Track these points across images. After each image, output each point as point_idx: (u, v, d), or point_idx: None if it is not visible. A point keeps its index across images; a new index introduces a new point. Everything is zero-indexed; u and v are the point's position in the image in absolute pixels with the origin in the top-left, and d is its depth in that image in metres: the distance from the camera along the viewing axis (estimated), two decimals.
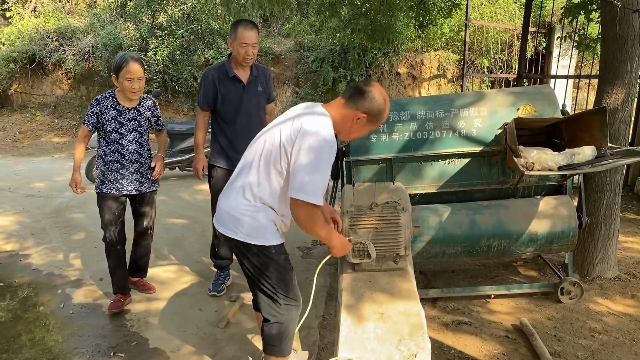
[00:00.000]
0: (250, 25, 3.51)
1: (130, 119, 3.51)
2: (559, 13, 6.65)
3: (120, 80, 3.38)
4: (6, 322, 3.55)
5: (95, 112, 3.43)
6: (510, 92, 3.77)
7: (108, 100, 3.47)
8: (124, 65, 3.33)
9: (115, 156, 3.49)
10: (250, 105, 3.68)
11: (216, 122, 3.75)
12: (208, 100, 3.66)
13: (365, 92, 2.32)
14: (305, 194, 2.15)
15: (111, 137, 3.46)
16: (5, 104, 12.14)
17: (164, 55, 10.92)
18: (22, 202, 6.53)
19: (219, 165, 3.73)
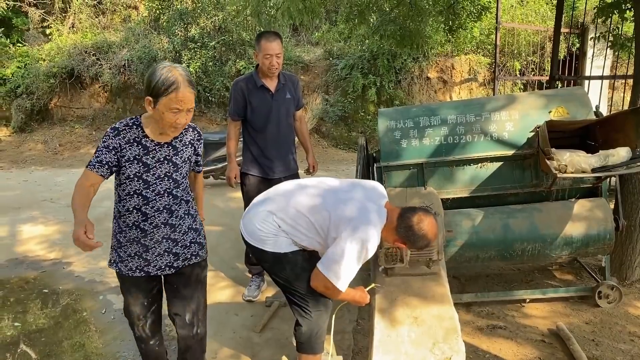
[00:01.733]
0: (273, 37, 3.59)
1: (161, 160, 2.34)
2: (592, 13, 6.55)
3: (159, 109, 2.18)
4: (51, 327, 3.69)
5: (114, 146, 2.25)
6: (542, 95, 3.75)
7: (131, 130, 2.29)
8: (172, 90, 2.14)
9: (135, 217, 2.35)
10: (280, 113, 3.76)
11: (247, 131, 3.84)
12: (238, 110, 3.75)
13: (414, 231, 2.35)
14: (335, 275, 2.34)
15: (131, 187, 2.31)
16: (46, 118, 12.56)
17: (196, 66, 11.14)
18: (64, 212, 6.75)
19: (251, 173, 3.83)
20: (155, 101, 2.19)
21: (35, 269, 4.82)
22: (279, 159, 3.83)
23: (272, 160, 3.81)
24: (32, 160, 11.15)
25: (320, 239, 2.45)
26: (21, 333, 3.61)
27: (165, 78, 2.15)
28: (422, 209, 2.45)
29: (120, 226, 2.41)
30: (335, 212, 2.39)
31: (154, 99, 2.19)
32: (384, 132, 3.61)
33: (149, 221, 2.37)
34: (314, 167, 4.13)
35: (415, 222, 2.35)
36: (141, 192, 2.33)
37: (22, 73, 11.99)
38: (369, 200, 2.44)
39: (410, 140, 3.57)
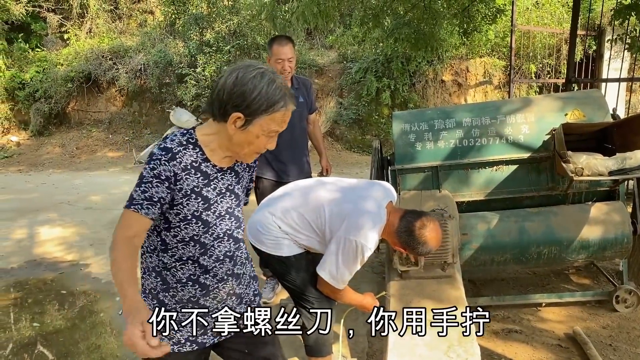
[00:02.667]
0: (285, 41, 3.62)
1: (223, 192, 1.74)
2: (609, 15, 6.49)
3: (251, 130, 1.58)
4: (68, 328, 3.74)
5: (167, 175, 1.58)
6: (558, 97, 3.73)
7: (188, 152, 1.63)
8: (279, 108, 1.60)
9: (190, 269, 1.74)
10: (293, 117, 3.75)
11: None
12: None
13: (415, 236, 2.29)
14: (330, 275, 2.36)
15: (186, 232, 1.68)
16: (63, 122, 12.74)
17: (211, 71, 11.22)
18: (81, 214, 6.84)
19: (265, 176, 3.84)
20: (249, 120, 1.56)
21: (53, 271, 4.89)
22: (293, 162, 3.84)
23: (286, 164, 3.82)
24: (50, 163, 11.31)
25: (319, 238, 2.45)
26: (39, 334, 3.67)
27: (271, 91, 1.56)
28: (426, 214, 2.38)
29: (166, 282, 1.73)
30: (331, 211, 2.38)
31: (248, 118, 1.55)
32: (399, 134, 3.61)
33: (211, 273, 1.75)
34: (328, 171, 4.13)
35: (417, 227, 2.28)
36: (199, 238, 1.69)
37: (40, 77, 12.18)
38: (367, 200, 2.40)
39: (425, 143, 3.56)
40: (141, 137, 11.94)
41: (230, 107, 1.55)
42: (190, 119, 7.92)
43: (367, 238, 2.27)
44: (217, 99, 1.57)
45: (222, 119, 1.59)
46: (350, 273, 2.36)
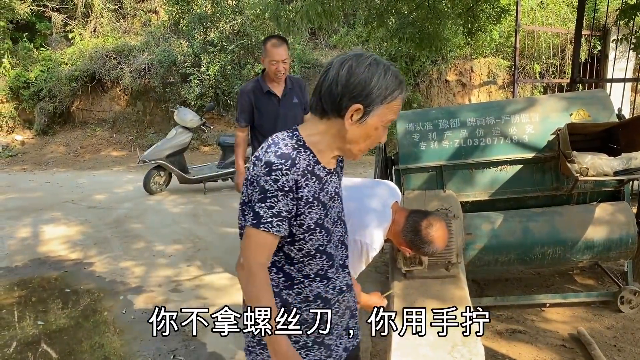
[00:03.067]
0: (279, 42, 3.58)
1: (333, 195, 1.61)
2: (614, 15, 6.47)
3: (369, 122, 1.45)
4: (71, 327, 3.75)
5: (291, 185, 1.43)
6: (563, 97, 3.72)
7: (301, 155, 1.48)
8: (397, 95, 1.46)
9: (317, 286, 1.60)
10: (287, 117, 3.76)
11: (255, 137, 3.87)
12: (245, 117, 3.79)
13: (421, 236, 2.23)
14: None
15: (312, 244, 1.54)
16: (67, 121, 12.76)
17: (215, 70, 11.23)
18: (85, 213, 6.85)
19: None
20: (367, 112, 1.43)
21: (57, 269, 4.91)
22: None
23: None
24: (55, 162, 11.34)
25: None
26: (43, 332, 3.68)
27: (389, 79, 1.44)
28: (432, 214, 2.34)
29: (287, 303, 1.58)
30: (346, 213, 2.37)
31: (367, 109, 1.43)
32: (403, 134, 3.60)
33: (332, 285, 1.61)
34: None
35: (424, 227, 2.23)
36: (325, 249, 1.56)
37: (45, 77, 12.21)
38: (372, 198, 2.35)
39: (429, 142, 3.56)
40: (145, 137, 11.96)
41: (347, 99, 1.43)
42: (194, 118, 7.92)
43: (372, 238, 2.24)
44: (329, 94, 1.44)
45: (336, 115, 1.46)
46: (355, 273, 2.35)
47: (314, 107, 1.52)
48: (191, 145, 9.24)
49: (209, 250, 5.25)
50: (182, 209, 6.94)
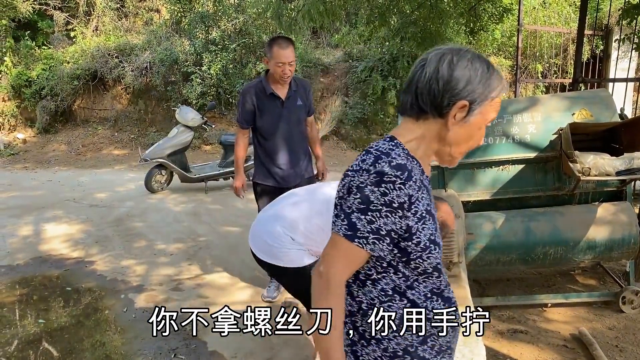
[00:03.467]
0: (286, 43, 3.43)
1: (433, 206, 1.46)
2: (617, 15, 6.45)
3: (472, 122, 1.33)
4: (72, 325, 3.75)
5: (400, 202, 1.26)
6: (565, 97, 3.71)
7: (414, 166, 1.31)
8: (499, 92, 1.34)
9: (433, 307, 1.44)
10: (290, 120, 3.66)
11: (257, 139, 3.74)
12: (247, 118, 3.65)
13: None
14: None
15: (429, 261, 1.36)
16: (69, 119, 12.77)
17: (217, 69, 11.22)
18: (86, 211, 6.86)
19: (262, 182, 3.74)
20: (472, 109, 1.30)
21: (58, 268, 4.91)
22: (291, 167, 3.72)
23: (284, 170, 3.71)
24: (56, 160, 11.35)
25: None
26: (44, 330, 3.68)
27: (492, 74, 1.33)
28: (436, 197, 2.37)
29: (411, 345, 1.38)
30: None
31: (472, 106, 1.30)
32: None
33: (453, 306, 1.46)
34: (324, 175, 4.01)
35: None
36: (437, 265, 1.39)
37: (46, 75, 12.21)
38: None
39: None
40: (146, 135, 11.96)
41: (449, 96, 1.29)
42: (195, 117, 7.92)
43: None
44: (428, 91, 1.30)
45: (436, 114, 1.31)
46: None
47: (408, 108, 1.35)
48: (192, 144, 9.24)
49: (210, 249, 5.25)
50: (183, 207, 6.94)
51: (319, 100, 11.27)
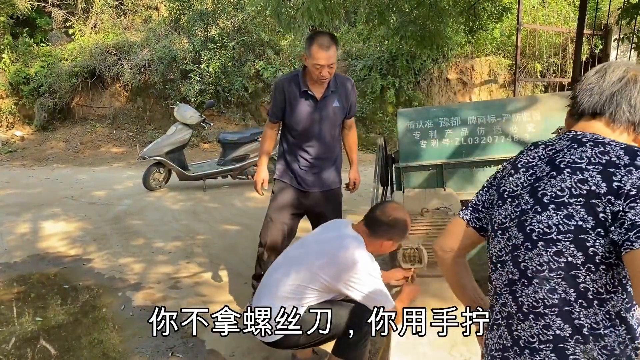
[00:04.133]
0: (327, 43, 3.01)
1: None
2: (616, 14, 6.45)
3: None
4: (70, 323, 3.74)
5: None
6: (564, 96, 3.69)
7: None
8: None
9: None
10: (323, 123, 3.29)
11: (284, 136, 3.43)
12: (277, 112, 3.33)
13: (384, 223, 2.45)
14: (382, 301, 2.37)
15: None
16: (67, 117, 12.76)
17: (216, 67, 11.21)
18: (84, 209, 6.85)
19: (284, 180, 3.42)
20: None
21: (56, 265, 4.90)
22: (317, 173, 3.38)
23: (306, 171, 3.37)
24: (54, 158, 11.33)
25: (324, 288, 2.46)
26: (41, 328, 3.67)
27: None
28: (378, 204, 2.55)
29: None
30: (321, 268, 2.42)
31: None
32: (403, 132, 3.59)
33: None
34: (355, 183, 3.57)
35: (379, 215, 2.43)
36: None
37: (45, 72, 12.20)
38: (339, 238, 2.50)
39: (429, 141, 3.55)
40: (145, 133, 11.95)
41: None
42: (194, 115, 7.91)
43: (362, 261, 2.37)
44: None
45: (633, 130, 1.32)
46: (384, 290, 2.43)
47: (614, 118, 1.32)
48: (191, 142, 9.23)
49: (209, 247, 5.24)
50: (181, 205, 6.93)
51: None
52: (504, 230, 1.34)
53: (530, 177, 1.32)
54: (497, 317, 1.38)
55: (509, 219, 1.33)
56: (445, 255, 1.53)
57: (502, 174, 1.44)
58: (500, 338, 1.35)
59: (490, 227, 1.41)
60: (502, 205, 1.37)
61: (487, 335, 1.42)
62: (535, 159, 1.35)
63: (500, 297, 1.36)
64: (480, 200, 1.49)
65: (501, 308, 1.36)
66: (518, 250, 1.29)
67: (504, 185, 1.39)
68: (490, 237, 1.41)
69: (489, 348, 1.39)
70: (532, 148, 1.40)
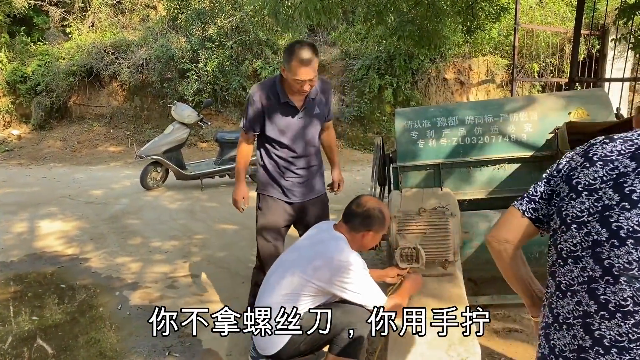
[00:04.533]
0: (308, 57, 2.81)
1: None
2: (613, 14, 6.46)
3: None
4: (67, 322, 3.73)
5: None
6: (562, 96, 3.71)
7: None
8: None
9: None
10: (306, 133, 3.16)
11: (264, 148, 3.21)
12: (254, 124, 3.11)
13: (360, 215, 2.49)
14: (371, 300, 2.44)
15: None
16: (65, 115, 12.73)
17: (213, 66, 11.20)
18: (82, 208, 6.83)
19: (269, 194, 3.23)
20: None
21: (53, 264, 4.89)
22: (304, 183, 3.25)
23: (295, 184, 3.23)
24: (51, 157, 11.31)
25: (318, 292, 2.46)
26: (38, 327, 3.66)
27: None
28: (354, 199, 2.58)
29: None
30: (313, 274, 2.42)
31: None
32: (401, 132, 3.59)
33: None
34: (339, 185, 3.52)
35: (354, 208, 2.49)
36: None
37: (42, 71, 12.17)
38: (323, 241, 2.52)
39: (427, 140, 3.55)
40: (142, 132, 11.93)
41: None
42: (191, 114, 7.90)
43: (350, 261, 2.38)
44: None
45: None
46: (374, 286, 2.45)
47: None
48: (188, 141, 9.23)
49: (206, 246, 5.24)
50: (179, 205, 6.93)
51: None
52: (581, 225, 1.31)
53: (611, 172, 1.30)
54: (567, 316, 1.34)
55: (587, 213, 1.30)
56: (501, 246, 1.51)
57: (571, 166, 1.40)
58: (574, 338, 1.32)
59: (559, 219, 1.38)
60: (576, 199, 1.33)
61: (553, 336, 1.39)
62: (614, 154, 1.32)
63: (574, 295, 1.33)
64: (537, 191, 1.48)
65: (574, 307, 1.32)
66: (601, 246, 1.26)
67: (576, 177, 1.36)
68: (560, 230, 1.37)
69: (558, 349, 1.36)
70: (607, 142, 1.37)
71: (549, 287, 1.43)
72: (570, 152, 1.46)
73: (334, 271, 2.36)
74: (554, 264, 1.40)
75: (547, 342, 1.41)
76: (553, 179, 1.45)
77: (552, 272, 1.41)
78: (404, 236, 2.92)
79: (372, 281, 2.42)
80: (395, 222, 2.99)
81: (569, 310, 1.34)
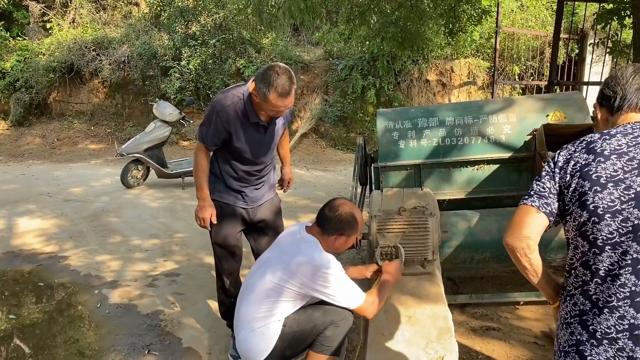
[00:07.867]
0: (286, 89, 2.64)
1: None
2: (592, 19, 6.58)
3: None
4: (45, 321, 3.69)
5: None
6: (540, 98, 3.77)
7: None
8: None
9: None
10: (270, 144, 3.10)
11: (223, 158, 3.07)
12: (216, 140, 2.93)
13: (332, 219, 2.47)
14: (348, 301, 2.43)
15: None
16: (44, 112, 12.55)
17: (196, 64, 11.15)
18: (61, 206, 6.75)
19: (225, 201, 3.10)
20: None
21: (31, 263, 4.83)
22: (261, 189, 3.18)
23: (252, 191, 3.15)
24: (30, 154, 11.15)
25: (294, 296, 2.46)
26: (15, 326, 3.62)
27: None
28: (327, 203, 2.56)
29: None
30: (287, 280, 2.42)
31: None
32: (382, 132, 3.62)
33: None
34: (289, 183, 3.47)
35: (327, 212, 2.48)
36: None
37: (21, 67, 11.98)
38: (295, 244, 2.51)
39: (408, 141, 3.58)
40: (123, 130, 11.83)
41: None
42: (173, 112, 7.85)
43: (325, 264, 2.37)
44: None
45: None
46: (351, 286, 2.44)
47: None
48: (170, 139, 9.18)
49: (186, 245, 5.22)
50: (159, 203, 6.88)
51: (299, 98, 11.27)
52: (615, 213, 1.42)
53: (630, 162, 1.43)
54: (609, 300, 1.45)
55: (620, 202, 1.42)
56: (523, 243, 1.58)
57: (577, 162, 1.52)
58: (622, 319, 1.43)
59: (586, 213, 1.47)
60: (603, 190, 1.44)
61: (592, 321, 1.49)
62: (624, 146, 1.46)
63: (615, 279, 1.44)
64: (545, 187, 1.58)
65: (617, 290, 1.43)
66: None
67: (595, 172, 1.46)
68: (591, 222, 1.47)
69: (600, 332, 1.47)
70: (608, 137, 1.51)
71: (577, 277, 1.55)
72: (565, 150, 1.58)
73: (311, 274, 2.35)
74: (586, 254, 1.51)
75: (584, 329, 1.51)
76: (557, 175, 1.56)
77: (585, 262, 1.51)
78: (384, 235, 2.95)
79: (349, 281, 2.43)
80: (375, 221, 3.02)
81: (610, 294, 1.45)
